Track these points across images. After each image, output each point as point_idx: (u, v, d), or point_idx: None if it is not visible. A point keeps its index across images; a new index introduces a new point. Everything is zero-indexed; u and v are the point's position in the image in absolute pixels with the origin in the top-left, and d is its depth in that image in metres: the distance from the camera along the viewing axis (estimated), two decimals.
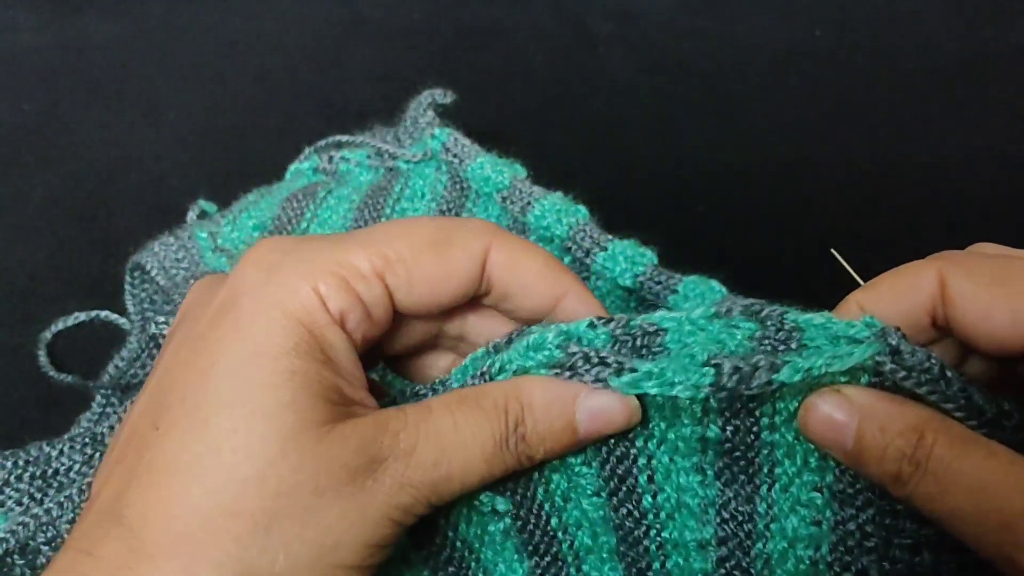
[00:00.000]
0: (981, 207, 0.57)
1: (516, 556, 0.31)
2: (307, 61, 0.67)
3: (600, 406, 0.27)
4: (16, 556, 0.36)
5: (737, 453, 0.28)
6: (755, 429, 0.28)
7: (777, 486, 0.28)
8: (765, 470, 0.28)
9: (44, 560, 0.35)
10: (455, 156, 0.47)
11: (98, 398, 0.43)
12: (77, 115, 0.62)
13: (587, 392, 0.27)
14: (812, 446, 0.28)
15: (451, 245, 0.28)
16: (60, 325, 0.49)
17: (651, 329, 0.28)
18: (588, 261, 0.44)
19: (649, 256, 0.44)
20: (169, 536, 0.24)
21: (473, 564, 0.31)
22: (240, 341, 0.26)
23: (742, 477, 0.29)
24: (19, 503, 0.38)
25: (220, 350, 0.26)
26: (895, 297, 0.28)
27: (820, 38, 0.69)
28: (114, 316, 0.49)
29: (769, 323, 0.27)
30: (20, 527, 0.36)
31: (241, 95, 0.64)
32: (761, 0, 0.71)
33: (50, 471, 0.38)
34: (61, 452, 0.39)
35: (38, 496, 0.38)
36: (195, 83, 0.65)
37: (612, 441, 0.29)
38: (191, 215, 0.50)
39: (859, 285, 0.30)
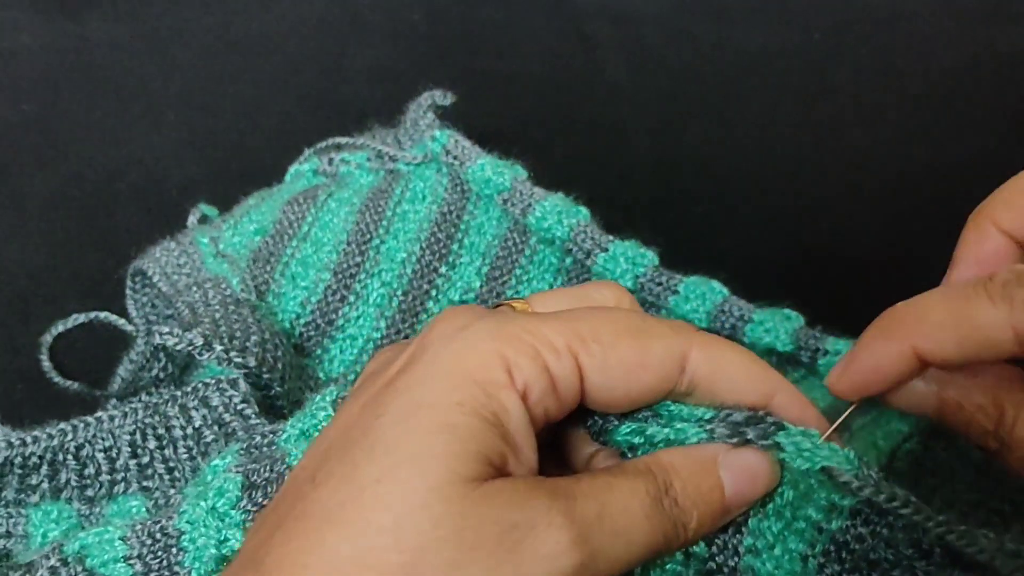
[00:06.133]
0: None
1: None
2: (307, 62, 0.67)
3: (742, 462, 0.27)
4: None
5: None
6: (739, 550, 0.27)
7: None
8: None
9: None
10: (455, 158, 0.47)
11: (113, 402, 0.43)
12: (77, 115, 0.62)
13: (726, 450, 0.27)
14: None
15: (650, 337, 0.27)
16: (60, 327, 0.49)
17: None
18: (589, 262, 0.44)
19: (650, 257, 0.44)
20: None
21: None
22: (408, 394, 0.25)
23: None
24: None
25: (388, 403, 0.25)
26: (960, 347, 0.26)
27: (818, 41, 0.69)
28: (113, 317, 0.49)
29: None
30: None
31: (241, 95, 0.64)
32: (759, 3, 0.72)
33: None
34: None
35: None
36: (195, 83, 0.65)
37: None
38: (192, 219, 0.50)
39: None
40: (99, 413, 0.37)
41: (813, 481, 0.27)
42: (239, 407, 0.36)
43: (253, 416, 0.36)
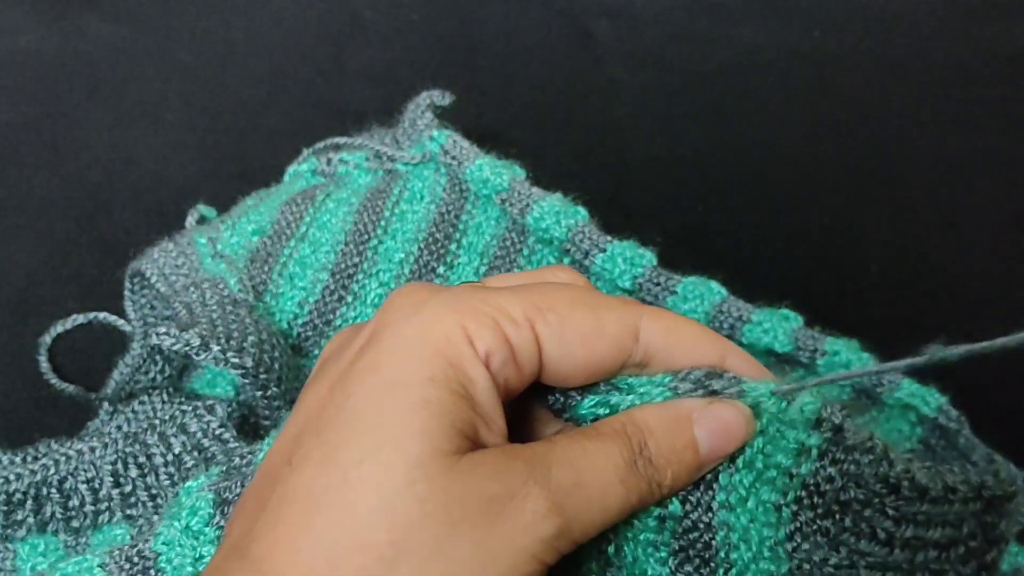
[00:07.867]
0: (980, 208, 0.57)
1: None
2: (306, 62, 0.67)
3: (716, 417, 0.27)
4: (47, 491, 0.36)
5: (695, 533, 0.28)
6: (712, 505, 0.28)
7: (733, 572, 0.28)
8: (721, 554, 0.28)
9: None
10: (454, 158, 0.47)
11: (105, 405, 0.43)
12: (77, 115, 0.62)
13: (701, 406, 0.27)
14: (768, 532, 0.27)
15: (603, 308, 0.28)
16: (59, 328, 0.49)
17: None
18: (587, 263, 0.44)
19: (648, 257, 0.44)
20: (293, 571, 0.23)
21: None
22: (377, 372, 0.25)
23: (697, 560, 0.28)
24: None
25: (358, 382, 0.25)
26: None
27: (819, 39, 0.69)
28: (113, 317, 0.49)
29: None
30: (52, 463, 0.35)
31: (241, 95, 0.64)
32: (759, 2, 0.71)
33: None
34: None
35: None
36: (195, 83, 0.65)
37: None
38: (190, 220, 0.50)
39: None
40: (80, 445, 0.37)
41: (782, 426, 0.27)
42: (217, 432, 0.37)
43: (231, 440, 0.37)
